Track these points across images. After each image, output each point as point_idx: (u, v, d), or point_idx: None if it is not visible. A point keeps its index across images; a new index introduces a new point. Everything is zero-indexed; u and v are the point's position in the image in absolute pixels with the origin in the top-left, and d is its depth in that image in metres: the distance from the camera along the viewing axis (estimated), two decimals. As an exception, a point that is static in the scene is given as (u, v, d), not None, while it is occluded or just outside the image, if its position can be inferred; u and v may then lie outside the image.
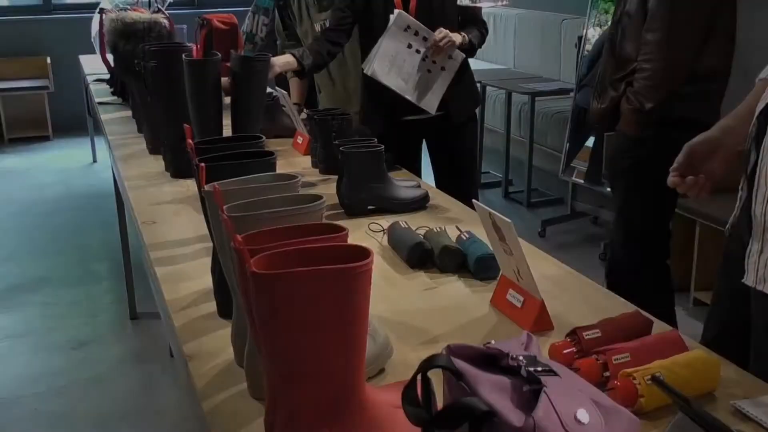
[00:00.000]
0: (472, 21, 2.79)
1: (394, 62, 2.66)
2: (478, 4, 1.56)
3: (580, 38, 4.58)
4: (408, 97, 2.72)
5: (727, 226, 1.62)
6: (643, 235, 2.60)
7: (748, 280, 1.50)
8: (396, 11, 2.62)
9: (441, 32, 2.62)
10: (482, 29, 2.82)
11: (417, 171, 2.95)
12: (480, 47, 2.84)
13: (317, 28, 3.01)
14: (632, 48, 2.35)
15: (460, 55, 2.71)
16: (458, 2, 1.63)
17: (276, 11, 3.20)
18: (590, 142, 4.26)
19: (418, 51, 2.66)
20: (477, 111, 3.12)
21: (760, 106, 1.47)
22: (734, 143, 1.55)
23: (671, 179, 1.59)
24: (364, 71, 2.70)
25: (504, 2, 1.54)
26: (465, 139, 2.97)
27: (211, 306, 1.52)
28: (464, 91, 2.88)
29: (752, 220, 1.48)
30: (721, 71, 2.35)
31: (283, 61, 2.70)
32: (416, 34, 2.63)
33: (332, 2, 2.92)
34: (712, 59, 2.29)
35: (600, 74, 2.53)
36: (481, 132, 4.97)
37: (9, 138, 6.78)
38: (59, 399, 2.96)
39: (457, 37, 2.68)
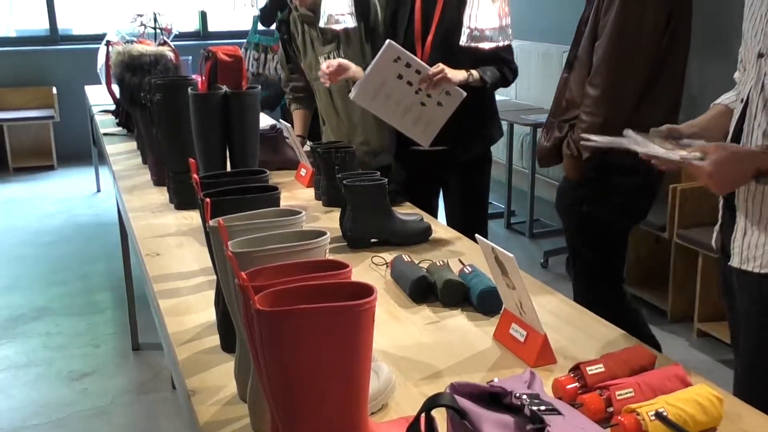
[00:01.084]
0: (492, 59, 2.74)
1: (380, 90, 2.63)
2: (480, 45, 1.58)
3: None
4: (395, 125, 2.73)
5: (715, 246, 1.76)
6: (592, 269, 2.59)
7: (734, 262, 1.67)
8: (387, 41, 2.61)
9: (437, 67, 2.60)
10: (504, 68, 2.77)
11: (434, 205, 2.97)
12: (500, 86, 2.79)
13: (321, 60, 3.04)
14: (578, 94, 2.39)
15: (459, 93, 2.65)
16: (460, 43, 1.65)
17: (281, 45, 3.23)
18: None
19: (410, 83, 2.63)
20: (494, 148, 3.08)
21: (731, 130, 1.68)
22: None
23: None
24: (351, 96, 2.71)
25: (506, 42, 1.56)
26: (472, 177, 2.95)
27: (215, 339, 1.52)
28: (474, 129, 2.84)
29: (735, 211, 1.67)
30: (665, 119, 2.37)
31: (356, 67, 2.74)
32: (408, 65, 2.61)
33: (337, 37, 2.94)
34: (655, 111, 2.30)
35: (550, 111, 2.56)
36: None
37: (14, 167, 6.82)
38: (60, 431, 2.95)
39: (459, 74, 2.64)
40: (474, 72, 2.69)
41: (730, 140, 1.70)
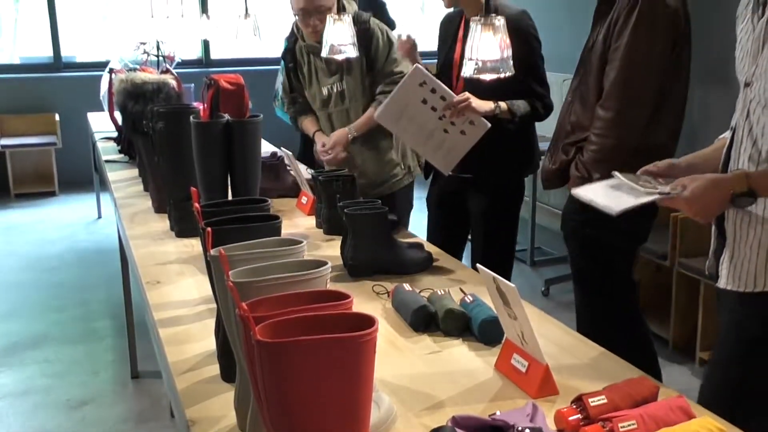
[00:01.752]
0: (526, 94, 2.74)
1: (404, 113, 2.63)
2: (482, 76, 1.59)
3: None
4: (417, 150, 2.74)
5: (708, 271, 1.85)
6: (601, 291, 2.60)
7: (720, 282, 1.75)
8: (414, 65, 2.62)
9: (463, 95, 2.58)
10: (536, 102, 2.76)
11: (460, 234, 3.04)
12: (531, 120, 2.79)
13: (324, 92, 3.06)
14: (585, 117, 2.41)
15: (483, 124, 2.62)
16: (462, 74, 1.66)
17: (284, 72, 3.26)
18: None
19: (434, 108, 2.61)
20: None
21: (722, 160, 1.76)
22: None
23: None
24: (374, 116, 2.72)
25: (507, 74, 1.57)
26: (497, 209, 2.92)
27: (214, 369, 1.51)
28: (498, 159, 2.81)
29: (726, 236, 1.74)
30: (666, 144, 2.41)
31: None
32: (433, 91, 2.60)
33: (341, 67, 2.96)
34: (658, 135, 2.37)
35: (554, 135, 2.57)
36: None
37: (15, 193, 6.83)
38: (57, 460, 2.92)
39: (485, 105, 2.61)
40: (502, 104, 2.66)
41: (721, 167, 1.76)
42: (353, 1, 3.07)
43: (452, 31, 2.90)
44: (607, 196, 1.77)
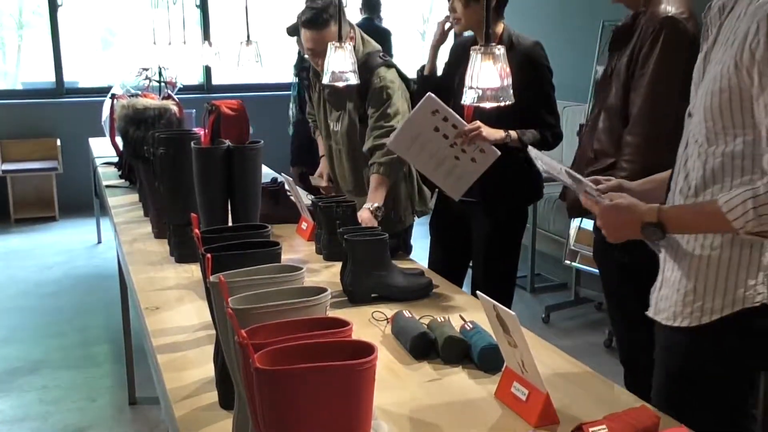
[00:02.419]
0: (536, 122, 2.78)
1: (416, 140, 2.66)
2: (482, 105, 1.60)
3: (581, 126, 4.65)
4: (428, 176, 2.76)
5: None
6: (640, 316, 2.59)
7: (650, 311, 1.77)
8: (427, 94, 2.64)
9: (474, 124, 2.61)
10: (546, 131, 2.80)
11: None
12: (541, 148, 2.75)
13: (330, 125, 3.08)
14: (608, 144, 2.42)
15: (493, 152, 2.65)
16: (462, 102, 1.68)
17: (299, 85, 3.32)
18: (590, 224, 4.27)
19: (445, 136, 2.64)
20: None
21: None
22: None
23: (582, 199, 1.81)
24: (387, 143, 2.74)
25: (507, 102, 1.58)
26: (500, 234, 2.95)
27: (213, 396, 1.50)
28: (505, 186, 2.85)
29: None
30: (671, 163, 2.43)
31: None
32: (445, 119, 2.63)
33: (344, 104, 2.98)
34: (671, 154, 2.40)
35: (574, 163, 2.58)
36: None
37: (15, 218, 6.83)
38: (53, 487, 2.90)
39: (496, 134, 2.65)
40: (512, 133, 2.70)
41: (664, 196, 1.77)
42: (371, 42, 3.03)
43: (465, 57, 2.92)
44: (550, 165, 1.86)
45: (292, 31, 4.09)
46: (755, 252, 1.58)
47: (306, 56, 3.18)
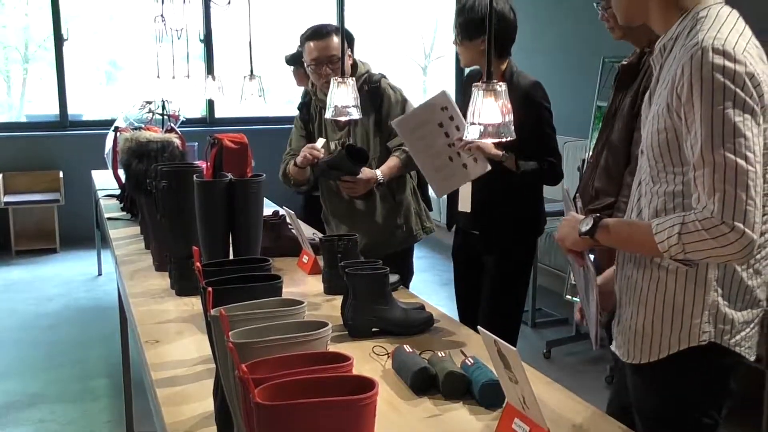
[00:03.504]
0: (539, 152, 2.81)
1: (419, 128, 2.72)
2: (480, 140, 1.62)
3: (583, 161, 4.67)
4: (419, 164, 2.79)
5: None
6: None
7: (613, 345, 1.80)
8: (442, 90, 2.71)
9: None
10: (544, 163, 2.82)
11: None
12: (536, 181, 2.87)
13: (332, 146, 3.12)
14: (610, 183, 2.43)
15: (484, 165, 2.69)
16: (463, 137, 1.70)
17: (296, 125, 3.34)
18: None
19: (447, 134, 2.69)
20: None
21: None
22: None
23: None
24: (392, 122, 2.81)
25: (508, 138, 1.59)
26: (504, 267, 2.97)
27: (212, 431, 1.49)
28: (505, 220, 2.89)
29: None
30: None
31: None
32: (451, 119, 2.67)
33: (348, 122, 3.03)
34: None
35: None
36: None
37: (16, 250, 6.83)
38: None
39: (494, 150, 2.67)
40: (510, 156, 2.74)
41: None
42: (367, 63, 3.17)
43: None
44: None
45: (290, 60, 4.16)
46: (699, 290, 1.60)
47: (305, 87, 3.24)
